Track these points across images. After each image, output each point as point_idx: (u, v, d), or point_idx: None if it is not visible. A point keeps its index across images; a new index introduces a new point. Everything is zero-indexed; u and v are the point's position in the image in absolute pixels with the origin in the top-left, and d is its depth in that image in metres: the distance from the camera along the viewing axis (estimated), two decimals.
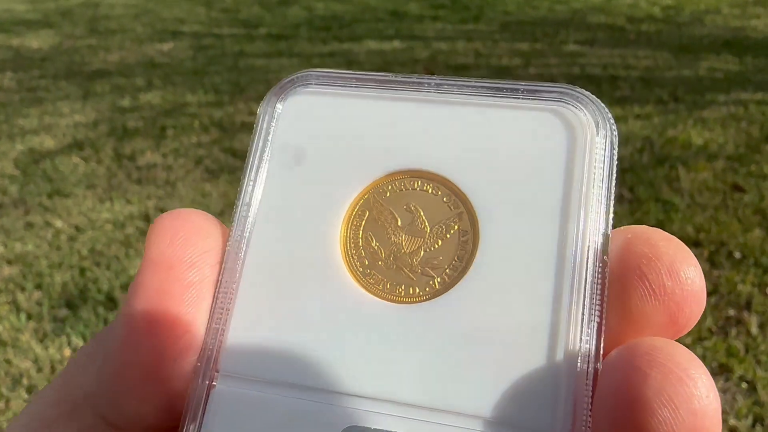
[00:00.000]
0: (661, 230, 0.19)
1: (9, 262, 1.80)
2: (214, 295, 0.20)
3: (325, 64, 3.57)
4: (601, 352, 0.18)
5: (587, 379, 0.18)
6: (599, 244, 0.19)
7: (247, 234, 0.21)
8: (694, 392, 0.16)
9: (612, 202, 0.20)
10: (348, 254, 0.21)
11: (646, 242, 0.18)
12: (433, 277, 0.20)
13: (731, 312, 1.57)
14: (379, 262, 0.21)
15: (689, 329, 0.18)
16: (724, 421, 1.27)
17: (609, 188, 0.20)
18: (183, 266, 0.20)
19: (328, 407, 0.19)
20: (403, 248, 0.21)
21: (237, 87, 3.17)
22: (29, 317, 1.58)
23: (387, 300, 0.20)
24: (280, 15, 4.71)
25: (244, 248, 0.21)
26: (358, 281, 0.21)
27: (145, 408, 0.20)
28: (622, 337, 0.18)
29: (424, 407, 0.19)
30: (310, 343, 0.20)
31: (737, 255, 1.78)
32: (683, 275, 0.18)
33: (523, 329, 0.19)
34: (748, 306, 1.58)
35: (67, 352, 1.46)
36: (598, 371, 0.18)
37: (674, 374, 0.16)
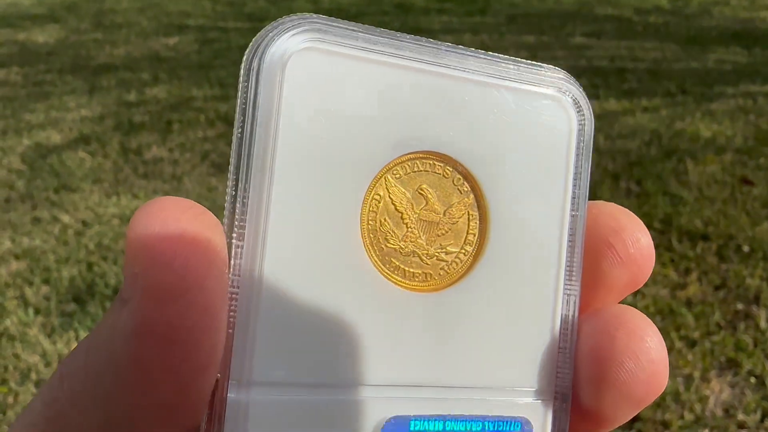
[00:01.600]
0: (619, 206, 0.23)
1: (16, 257, 1.80)
2: (228, 302, 0.18)
3: None
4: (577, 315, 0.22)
5: (572, 340, 0.22)
6: (583, 224, 0.22)
7: (261, 231, 0.19)
8: (651, 346, 0.20)
9: (587, 183, 0.23)
10: (368, 242, 0.20)
11: (611, 217, 0.22)
12: (447, 263, 0.21)
13: (740, 306, 1.56)
14: (396, 248, 0.20)
15: (643, 283, 0.22)
16: (733, 415, 1.27)
17: (587, 175, 0.22)
18: (191, 294, 0.17)
19: (368, 401, 0.19)
20: (418, 234, 0.21)
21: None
22: (37, 312, 1.58)
23: (405, 288, 0.20)
24: (285, 8, 4.70)
25: (256, 242, 0.18)
26: (380, 270, 0.20)
27: None
28: (593, 296, 0.22)
29: (451, 386, 0.20)
30: (339, 339, 0.19)
31: (746, 249, 1.77)
32: (642, 242, 0.22)
33: (532, 306, 0.21)
34: (757, 300, 1.57)
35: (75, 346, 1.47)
36: (576, 334, 0.22)
37: (635, 334, 0.21)
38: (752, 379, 1.35)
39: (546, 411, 0.21)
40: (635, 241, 0.22)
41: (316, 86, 0.19)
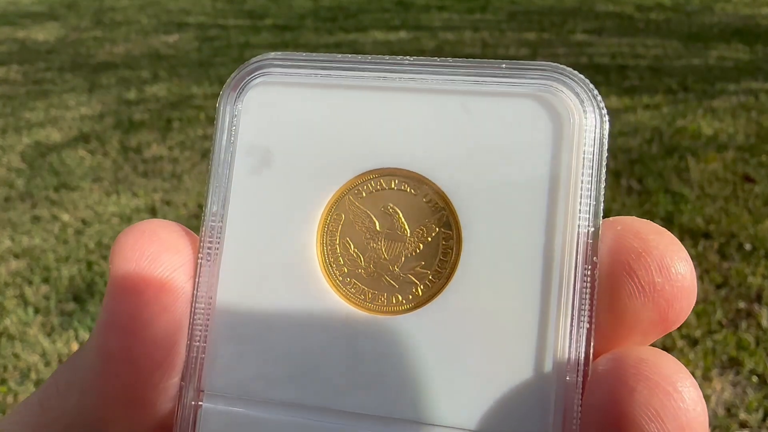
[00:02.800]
0: (651, 222, 0.18)
1: (16, 256, 1.80)
2: (190, 312, 0.20)
3: None
4: (591, 357, 0.18)
5: (577, 389, 0.17)
6: (588, 244, 0.18)
7: (218, 246, 0.20)
8: (681, 406, 0.16)
9: (602, 195, 0.19)
10: (326, 262, 0.20)
11: (636, 235, 0.18)
12: (417, 285, 0.19)
13: (741, 304, 1.55)
14: (359, 270, 0.20)
15: (679, 325, 0.18)
16: (735, 414, 1.26)
17: (598, 180, 0.19)
18: (153, 289, 0.19)
19: (316, 424, 0.19)
20: (383, 254, 0.20)
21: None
22: (37, 311, 1.58)
23: (369, 311, 0.19)
24: (285, 6, 4.69)
25: (217, 261, 0.20)
26: (338, 291, 0.20)
27: None
28: (612, 335, 0.18)
29: (413, 421, 0.18)
30: (291, 358, 0.19)
31: (748, 246, 1.76)
32: (674, 271, 0.17)
33: (510, 338, 0.18)
34: (759, 298, 1.57)
35: (75, 345, 1.47)
36: (587, 379, 0.18)
37: (660, 388, 0.16)
38: (754, 378, 1.34)
39: None
40: (664, 268, 0.17)
41: (270, 115, 0.20)
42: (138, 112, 2.82)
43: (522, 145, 0.19)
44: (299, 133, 0.20)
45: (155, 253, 0.19)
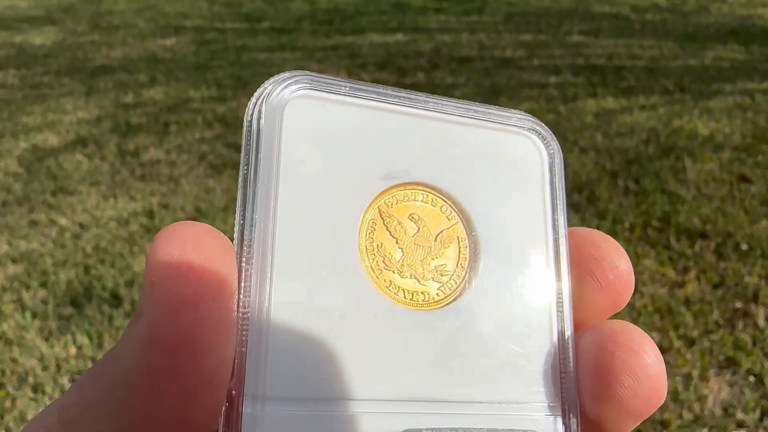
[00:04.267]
0: (600, 232, 0.24)
1: (14, 261, 1.80)
2: (237, 319, 0.19)
3: (328, 58, 3.56)
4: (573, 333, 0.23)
5: (572, 359, 0.22)
6: (566, 246, 0.24)
7: (270, 253, 0.20)
8: (649, 362, 0.21)
9: (566, 212, 0.24)
10: (369, 266, 0.22)
11: (592, 244, 0.23)
12: (444, 283, 0.22)
13: (738, 304, 1.56)
14: (394, 272, 0.22)
15: (623, 307, 0.23)
16: (732, 414, 1.27)
17: (564, 205, 0.24)
18: (203, 303, 0.18)
19: (379, 415, 0.20)
20: (415, 258, 0.22)
21: (240, 81, 3.16)
22: (34, 315, 1.58)
23: (409, 307, 0.22)
24: (282, 8, 4.69)
25: (265, 268, 0.20)
26: (383, 291, 0.22)
27: None
28: (577, 321, 0.23)
29: (460, 401, 0.21)
30: (348, 355, 0.20)
31: (744, 246, 1.76)
32: (620, 269, 0.23)
33: (524, 324, 0.22)
34: (755, 298, 1.57)
35: (73, 350, 1.47)
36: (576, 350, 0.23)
37: (633, 351, 0.21)
38: (751, 378, 1.35)
39: (555, 424, 0.22)
40: (614, 268, 0.23)
41: (311, 127, 0.22)
42: (135, 115, 2.82)
43: (520, 170, 0.24)
44: (339, 146, 0.22)
45: (204, 264, 0.18)
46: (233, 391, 0.19)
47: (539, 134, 0.25)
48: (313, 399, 0.20)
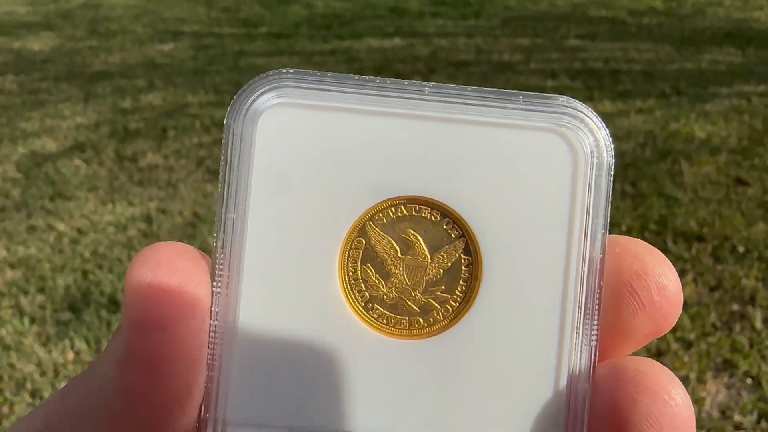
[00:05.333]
0: (644, 242, 0.20)
1: (12, 266, 1.80)
2: (209, 343, 0.19)
3: (326, 62, 3.56)
4: (595, 370, 0.20)
5: (586, 401, 0.19)
6: (597, 270, 0.20)
7: (236, 273, 0.19)
8: (676, 411, 0.18)
9: (607, 227, 0.20)
10: (347, 288, 0.20)
11: (635, 258, 0.20)
12: (438, 309, 0.20)
13: (735, 307, 1.56)
14: (381, 296, 0.20)
15: (668, 331, 0.20)
16: (729, 417, 1.27)
17: (606, 211, 0.20)
18: (175, 325, 0.18)
19: None
20: (404, 280, 0.20)
21: (238, 86, 3.16)
22: (32, 321, 1.58)
23: (391, 335, 0.20)
24: (280, 13, 4.70)
25: (235, 289, 0.19)
26: (360, 316, 0.20)
27: None
28: (610, 347, 0.20)
29: None
30: (317, 385, 0.19)
31: (741, 249, 1.77)
32: (669, 289, 0.20)
33: (527, 359, 0.20)
34: (752, 301, 1.58)
35: (70, 355, 1.47)
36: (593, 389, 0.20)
37: (659, 397, 0.18)
38: (748, 380, 1.35)
39: None
40: (661, 288, 0.20)
41: (288, 139, 0.20)
42: (133, 121, 2.82)
43: (540, 176, 0.20)
44: (319, 158, 0.20)
45: (176, 285, 0.18)
46: (201, 414, 0.19)
47: (578, 126, 0.20)
48: (274, 426, 0.19)
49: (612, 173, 0.20)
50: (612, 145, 0.20)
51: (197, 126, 2.72)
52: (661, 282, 0.20)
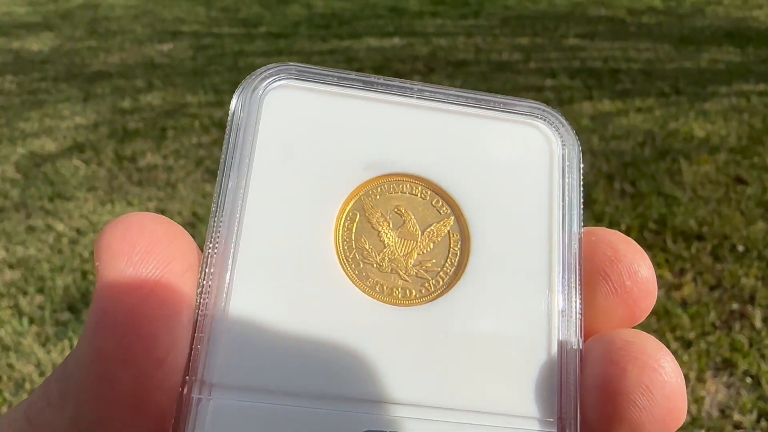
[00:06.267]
0: (619, 233, 0.22)
1: (11, 267, 1.80)
2: (196, 304, 0.19)
3: (325, 62, 3.56)
4: (582, 343, 0.21)
5: (575, 371, 0.20)
6: (578, 247, 0.21)
7: (234, 237, 0.20)
8: (666, 379, 0.19)
9: (582, 209, 0.22)
10: (343, 257, 0.21)
11: (608, 245, 0.21)
12: (428, 280, 0.21)
13: (735, 306, 1.56)
14: (374, 265, 0.21)
15: (643, 319, 0.21)
16: (729, 416, 1.27)
17: (579, 196, 0.22)
18: (149, 284, 0.18)
19: (339, 414, 0.19)
20: (396, 251, 0.21)
21: (237, 86, 3.16)
22: (31, 321, 1.58)
23: (385, 302, 0.20)
24: (279, 13, 4.70)
25: (228, 253, 0.19)
26: (356, 284, 0.20)
27: None
28: (588, 329, 0.21)
29: (431, 407, 0.20)
30: (311, 348, 0.19)
31: (740, 248, 1.77)
32: (640, 275, 0.21)
33: (517, 329, 0.21)
34: (752, 300, 1.57)
35: None
36: (582, 361, 0.21)
37: (648, 366, 0.19)
38: (748, 380, 1.35)
39: None
40: (632, 273, 0.20)
41: (291, 118, 0.21)
42: (132, 121, 2.82)
43: (521, 160, 0.22)
44: (318, 136, 0.21)
45: (147, 245, 0.18)
46: (186, 377, 0.19)
47: (551, 124, 0.23)
48: (264, 390, 0.19)
49: (582, 159, 0.22)
50: (579, 142, 0.23)
51: (196, 126, 2.72)
52: (633, 268, 0.20)
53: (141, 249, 0.18)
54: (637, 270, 0.20)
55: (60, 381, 0.19)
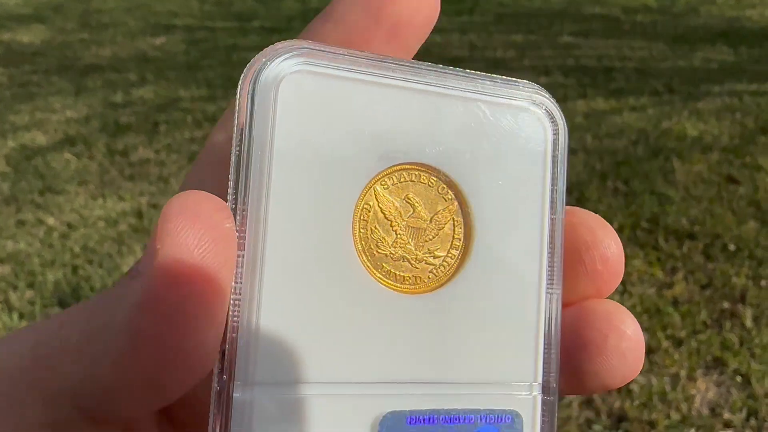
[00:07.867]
0: (599, 216, 0.24)
1: (1, 261, 1.79)
2: (229, 304, 0.19)
3: None
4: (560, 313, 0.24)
5: (556, 338, 0.23)
6: (561, 230, 0.23)
7: (257, 236, 0.20)
8: (633, 338, 0.22)
9: (565, 191, 0.24)
10: (360, 249, 0.21)
11: (587, 229, 0.23)
12: (435, 266, 0.22)
13: (726, 305, 1.57)
14: (387, 254, 0.22)
15: (607, 296, 0.24)
16: (719, 414, 1.27)
17: (564, 178, 0.24)
18: (202, 282, 0.18)
19: (365, 397, 0.21)
20: (406, 239, 0.22)
21: (230, 81, 3.15)
22: (21, 316, 1.57)
23: (398, 291, 0.22)
24: (273, 8, 4.68)
25: (256, 251, 0.20)
26: (372, 274, 0.22)
27: (140, 413, 0.19)
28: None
29: (444, 382, 0.22)
30: (336, 339, 0.21)
31: (732, 247, 1.78)
32: (611, 260, 0.23)
33: (516, 307, 0.23)
34: (743, 299, 1.58)
35: None
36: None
37: (620, 331, 0.22)
38: (738, 378, 1.35)
39: (536, 404, 0.23)
40: (604, 259, 0.23)
41: (307, 105, 0.21)
42: (124, 115, 2.80)
43: (522, 145, 0.23)
44: (335, 127, 0.21)
45: (208, 243, 0.18)
46: (224, 376, 0.19)
47: (546, 109, 0.24)
48: (301, 383, 0.20)
49: (567, 145, 0.24)
50: (564, 122, 0.24)
51: (189, 120, 2.71)
52: (605, 254, 0.23)
53: (203, 246, 0.18)
54: (608, 255, 0.23)
55: (82, 334, 0.19)
